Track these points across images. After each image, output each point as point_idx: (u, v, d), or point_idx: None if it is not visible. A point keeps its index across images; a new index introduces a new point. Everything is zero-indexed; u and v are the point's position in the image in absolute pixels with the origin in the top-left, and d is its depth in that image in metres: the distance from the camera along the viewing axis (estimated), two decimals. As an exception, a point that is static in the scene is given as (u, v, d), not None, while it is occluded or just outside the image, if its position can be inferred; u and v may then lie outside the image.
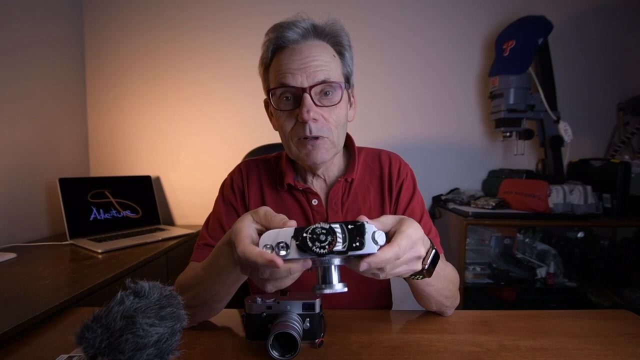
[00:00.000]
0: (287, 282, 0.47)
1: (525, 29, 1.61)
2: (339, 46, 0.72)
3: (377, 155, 0.84)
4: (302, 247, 0.43)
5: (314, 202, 0.77)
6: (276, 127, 0.76)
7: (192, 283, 0.63)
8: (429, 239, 0.55)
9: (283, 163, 0.80)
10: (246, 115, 1.84)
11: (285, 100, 0.69)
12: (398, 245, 0.45)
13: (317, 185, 0.80)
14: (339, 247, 0.43)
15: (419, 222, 0.61)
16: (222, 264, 0.55)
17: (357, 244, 0.44)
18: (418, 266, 0.51)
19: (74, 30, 1.78)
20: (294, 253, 0.44)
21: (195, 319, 0.65)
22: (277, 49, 0.70)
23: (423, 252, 0.50)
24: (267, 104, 0.78)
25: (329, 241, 0.43)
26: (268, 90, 0.72)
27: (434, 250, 0.54)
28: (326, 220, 0.58)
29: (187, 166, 1.89)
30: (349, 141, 0.82)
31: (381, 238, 0.45)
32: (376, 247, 0.44)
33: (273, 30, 0.70)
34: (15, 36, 1.41)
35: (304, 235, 0.43)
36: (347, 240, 0.44)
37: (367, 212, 0.78)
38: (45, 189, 1.56)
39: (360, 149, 0.85)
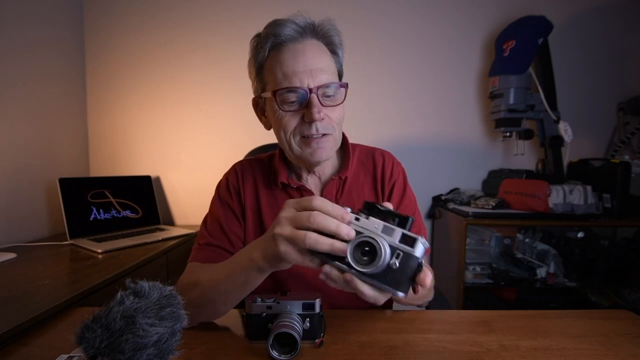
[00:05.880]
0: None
1: (525, 29, 1.61)
2: (332, 45, 0.73)
3: (371, 153, 0.85)
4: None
5: None
6: (268, 126, 0.77)
7: (203, 282, 0.63)
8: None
9: (276, 161, 0.81)
10: (246, 115, 1.84)
11: (290, 101, 0.68)
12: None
13: (312, 183, 0.80)
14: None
15: None
16: (244, 279, 0.57)
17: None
18: None
19: (74, 30, 1.78)
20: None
21: (197, 319, 0.65)
22: (273, 47, 0.69)
23: None
24: (256, 103, 0.78)
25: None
26: (273, 92, 0.69)
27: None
28: None
29: (187, 166, 1.89)
30: (343, 139, 0.82)
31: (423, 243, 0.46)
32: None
33: (269, 27, 0.69)
34: (15, 36, 1.41)
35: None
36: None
37: None
38: (45, 189, 1.56)
39: (355, 146, 0.85)
